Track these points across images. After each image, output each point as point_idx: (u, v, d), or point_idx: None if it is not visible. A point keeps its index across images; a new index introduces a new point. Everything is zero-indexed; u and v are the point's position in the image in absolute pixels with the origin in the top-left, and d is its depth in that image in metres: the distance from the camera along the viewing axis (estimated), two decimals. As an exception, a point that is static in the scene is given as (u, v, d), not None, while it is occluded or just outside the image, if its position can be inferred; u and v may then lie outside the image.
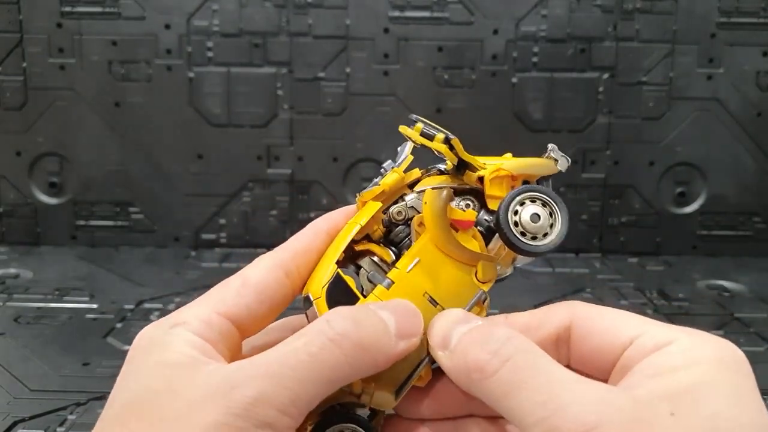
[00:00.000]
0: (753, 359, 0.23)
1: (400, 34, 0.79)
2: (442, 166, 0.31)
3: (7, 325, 0.60)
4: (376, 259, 0.28)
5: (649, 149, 0.82)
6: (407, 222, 0.29)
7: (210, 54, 0.79)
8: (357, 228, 0.28)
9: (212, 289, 0.28)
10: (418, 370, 0.27)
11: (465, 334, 0.25)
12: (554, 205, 0.28)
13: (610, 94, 0.80)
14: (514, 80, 0.80)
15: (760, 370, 0.22)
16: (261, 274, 0.29)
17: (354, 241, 0.28)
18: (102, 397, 0.48)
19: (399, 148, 0.31)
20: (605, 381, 0.24)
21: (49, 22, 0.78)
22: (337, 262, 0.27)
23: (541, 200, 0.28)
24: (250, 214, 0.83)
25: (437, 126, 0.30)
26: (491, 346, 0.24)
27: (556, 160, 0.31)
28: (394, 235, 0.29)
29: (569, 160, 0.32)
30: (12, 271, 0.75)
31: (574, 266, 0.79)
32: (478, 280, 0.28)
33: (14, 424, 0.45)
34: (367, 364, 0.24)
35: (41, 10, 0.78)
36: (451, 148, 0.29)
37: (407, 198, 0.29)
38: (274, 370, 0.23)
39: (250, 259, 0.30)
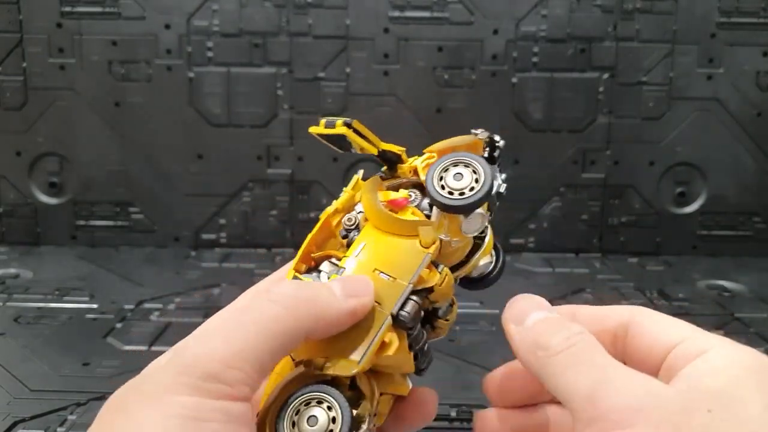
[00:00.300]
0: None
1: (400, 34, 0.79)
2: (380, 174, 0.34)
3: (7, 325, 0.60)
4: (333, 260, 0.30)
5: (649, 149, 0.82)
6: (359, 226, 0.31)
7: (210, 54, 0.79)
8: (307, 239, 0.30)
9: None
10: (378, 334, 0.27)
11: (541, 320, 0.28)
12: (475, 163, 0.30)
13: (610, 94, 0.80)
14: (514, 80, 0.80)
15: None
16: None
17: (313, 255, 0.31)
18: (102, 397, 0.48)
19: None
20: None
21: (49, 22, 0.78)
22: (296, 271, 0.30)
23: (462, 163, 0.30)
24: (250, 214, 0.83)
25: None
26: (562, 333, 0.26)
27: (476, 134, 0.33)
28: (349, 240, 0.31)
29: (495, 136, 0.34)
30: (12, 271, 0.75)
31: (574, 266, 0.79)
32: (422, 246, 0.29)
33: (14, 424, 0.45)
34: (313, 317, 0.25)
35: (41, 10, 0.78)
36: (355, 131, 0.31)
37: (357, 207, 0.32)
38: (213, 328, 0.25)
39: (250, 259, 0.31)
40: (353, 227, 0.31)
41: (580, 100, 0.80)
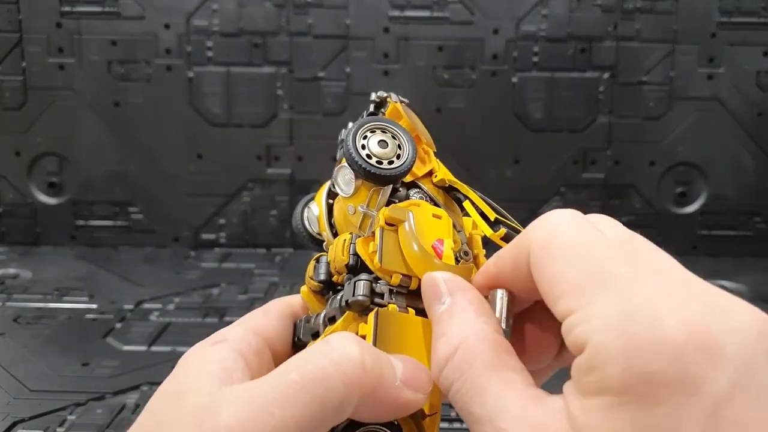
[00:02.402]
0: None
1: (400, 34, 0.79)
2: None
3: (7, 325, 0.60)
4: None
5: (649, 149, 0.82)
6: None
7: (210, 54, 0.79)
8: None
9: (242, 317, 0.28)
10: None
11: (442, 313, 0.24)
12: (398, 131, 0.29)
13: (610, 94, 0.80)
14: (514, 80, 0.80)
15: None
16: (277, 305, 0.29)
17: None
18: (101, 398, 0.48)
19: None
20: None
21: (48, 21, 0.78)
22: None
23: (386, 129, 0.29)
24: (249, 214, 0.82)
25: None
26: (436, 368, 0.23)
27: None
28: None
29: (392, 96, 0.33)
30: (11, 271, 0.75)
31: (574, 266, 0.79)
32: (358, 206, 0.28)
33: (14, 424, 0.45)
34: (368, 392, 0.22)
35: (41, 9, 0.78)
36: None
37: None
38: (257, 393, 0.21)
39: (249, 259, 0.30)
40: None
41: (580, 100, 0.80)
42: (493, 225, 0.28)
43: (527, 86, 0.80)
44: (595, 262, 0.20)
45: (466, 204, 0.29)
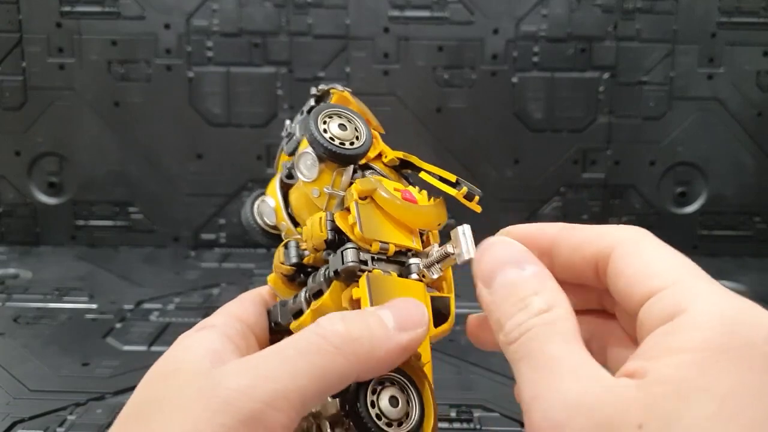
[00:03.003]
0: None
1: (400, 34, 0.79)
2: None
3: (7, 325, 0.60)
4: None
5: (649, 149, 0.82)
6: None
7: (210, 54, 0.79)
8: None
9: (220, 308, 0.29)
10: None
11: (508, 283, 0.24)
12: (354, 116, 0.31)
13: (610, 94, 0.80)
14: (514, 80, 0.80)
15: None
16: (248, 294, 0.31)
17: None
18: (101, 398, 0.48)
19: None
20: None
21: (48, 21, 0.78)
22: None
23: (343, 115, 0.31)
24: (249, 214, 0.82)
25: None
26: (518, 317, 0.23)
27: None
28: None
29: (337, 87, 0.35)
30: (11, 271, 0.75)
31: (574, 266, 0.79)
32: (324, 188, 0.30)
33: (14, 424, 0.45)
34: (364, 359, 0.23)
35: (41, 9, 0.78)
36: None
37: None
38: (256, 364, 0.22)
39: (249, 259, 0.31)
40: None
41: (580, 100, 0.80)
42: (455, 185, 0.30)
43: (527, 86, 0.80)
44: (684, 259, 0.23)
45: (423, 174, 0.31)
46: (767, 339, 0.19)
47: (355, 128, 0.31)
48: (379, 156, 0.32)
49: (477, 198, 0.30)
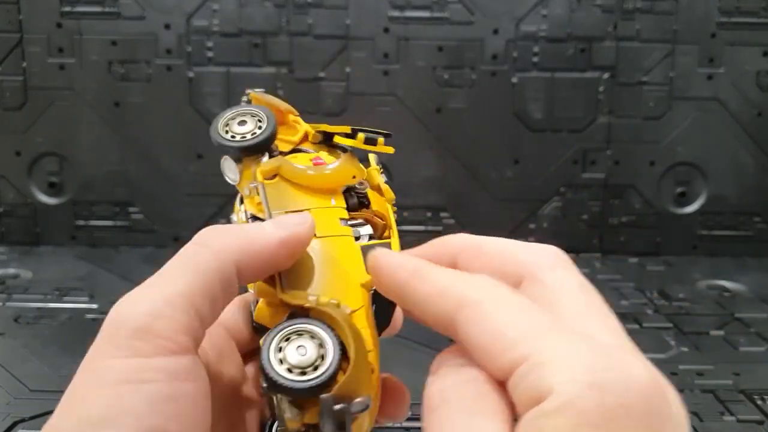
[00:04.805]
0: (753, 359, 0.22)
1: (400, 34, 0.79)
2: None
3: (7, 325, 0.60)
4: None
5: (649, 149, 0.82)
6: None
7: (210, 54, 0.79)
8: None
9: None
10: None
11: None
12: (247, 109, 0.32)
13: (610, 94, 0.80)
14: (514, 80, 0.80)
15: (761, 370, 0.20)
16: (237, 298, 0.31)
17: None
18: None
19: None
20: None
21: (48, 22, 0.78)
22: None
23: (238, 114, 0.32)
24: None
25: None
26: (437, 384, 0.21)
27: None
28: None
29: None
30: (12, 271, 0.75)
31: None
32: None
33: (14, 424, 0.45)
34: (237, 248, 0.24)
35: (41, 10, 0.78)
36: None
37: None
38: (142, 285, 0.23)
39: None
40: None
41: (580, 100, 0.80)
42: (352, 136, 0.30)
43: (527, 86, 0.80)
44: (539, 313, 0.20)
45: (336, 138, 0.31)
46: (642, 398, 0.18)
47: (258, 120, 0.31)
48: (306, 137, 0.33)
49: (381, 140, 0.30)
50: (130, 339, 0.21)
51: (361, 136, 0.30)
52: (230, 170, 0.32)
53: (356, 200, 0.31)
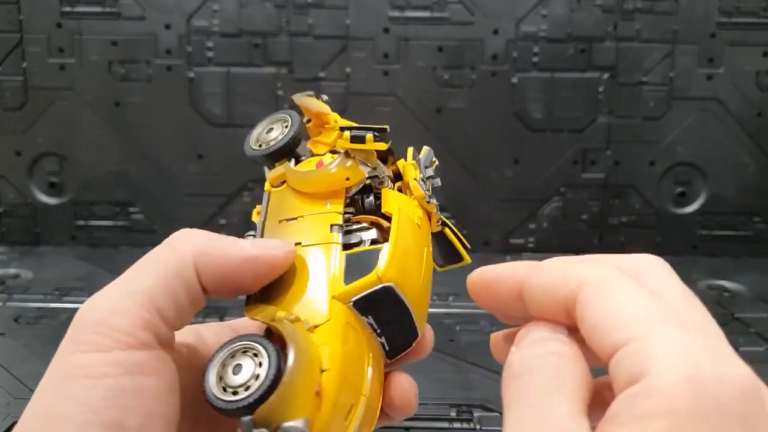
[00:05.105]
0: (753, 359, 0.22)
1: (400, 34, 0.79)
2: None
3: (7, 325, 0.60)
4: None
5: (649, 149, 0.82)
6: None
7: (210, 54, 0.79)
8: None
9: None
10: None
11: (531, 342, 0.22)
12: (277, 116, 0.33)
13: (610, 94, 0.80)
14: (514, 80, 0.80)
15: (761, 370, 0.20)
16: None
17: None
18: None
19: None
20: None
21: (49, 22, 0.78)
22: None
23: (270, 122, 0.33)
24: (249, 214, 0.82)
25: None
26: (525, 352, 0.22)
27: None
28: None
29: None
30: (12, 271, 0.75)
31: (574, 266, 0.79)
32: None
33: (14, 424, 0.45)
34: (199, 250, 0.24)
35: (41, 10, 0.78)
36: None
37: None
38: (106, 287, 0.23)
39: None
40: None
41: (580, 100, 0.80)
42: (340, 136, 0.29)
43: (527, 86, 0.80)
44: (652, 302, 0.20)
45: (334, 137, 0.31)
46: (737, 397, 0.18)
47: (285, 125, 0.32)
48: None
49: (369, 137, 0.28)
50: (91, 334, 0.22)
51: (346, 135, 0.28)
52: (267, 177, 0.32)
53: (373, 199, 0.29)
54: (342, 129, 0.29)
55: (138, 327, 0.22)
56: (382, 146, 0.29)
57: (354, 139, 0.28)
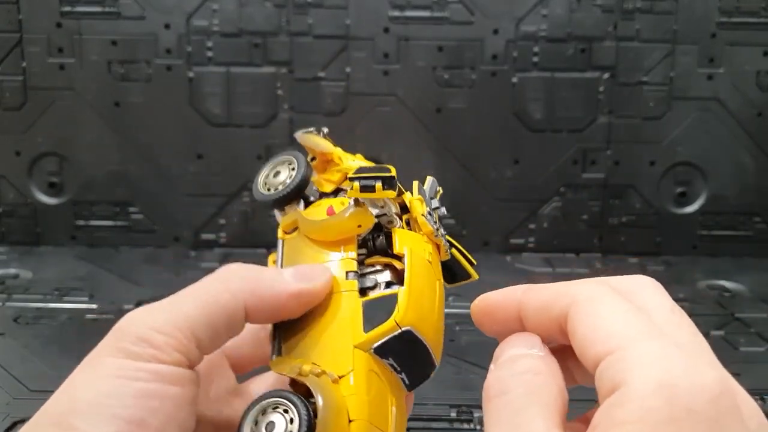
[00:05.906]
0: (753, 359, 0.22)
1: (400, 34, 0.79)
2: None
3: (7, 325, 0.60)
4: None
5: (649, 149, 0.82)
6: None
7: (210, 54, 0.79)
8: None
9: None
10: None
11: (511, 357, 0.24)
12: (283, 157, 0.33)
13: (610, 94, 0.80)
14: (514, 80, 0.80)
15: (761, 370, 0.21)
16: None
17: None
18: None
19: None
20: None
21: (48, 21, 0.78)
22: None
23: (276, 164, 0.33)
24: (249, 214, 0.82)
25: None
26: (502, 372, 0.23)
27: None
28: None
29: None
30: (12, 271, 0.75)
31: (574, 266, 0.79)
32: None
33: (14, 424, 0.45)
34: (249, 291, 0.26)
35: (41, 9, 0.78)
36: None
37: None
38: (157, 302, 0.26)
39: (249, 259, 0.30)
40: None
41: (580, 100, 0.80)
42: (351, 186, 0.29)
43: (527, 86, 0.80)
44: (636, 317, 0.21)
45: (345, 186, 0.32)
46: (708, 403, 0.18)
47: (291, 167, 0.32)
48: (346, 176, 0.32)
49: (379, 185, 0.28)
50: (129, 344, 0.24)
51: (356, 186, 0.28)
52: (279, 220, 0.32)
53: (384, 239, 0.30)
54: (350, 179, 0.29)
55: (175, 350, 0.24)
56: (391, 194, 0.29)
57: (364, 189, 0.28)
